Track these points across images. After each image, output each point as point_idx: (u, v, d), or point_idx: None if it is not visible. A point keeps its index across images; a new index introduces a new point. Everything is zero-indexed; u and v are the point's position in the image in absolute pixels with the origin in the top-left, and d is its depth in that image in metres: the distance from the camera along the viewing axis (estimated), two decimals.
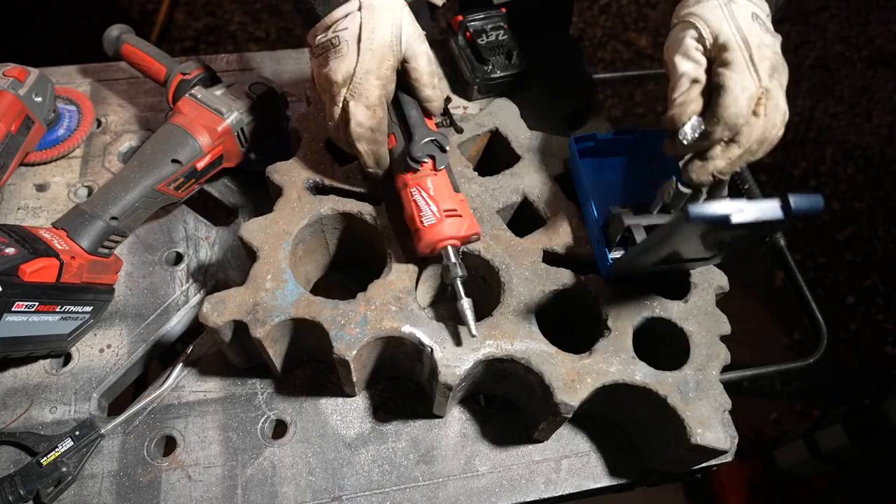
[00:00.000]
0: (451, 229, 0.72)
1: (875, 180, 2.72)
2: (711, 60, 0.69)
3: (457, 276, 0.71)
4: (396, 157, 0.76)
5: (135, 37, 1.01)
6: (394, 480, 0.79)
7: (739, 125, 0.66)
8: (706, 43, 0.68)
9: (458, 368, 0.70)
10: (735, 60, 0.66)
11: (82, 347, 0.85)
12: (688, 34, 0.69)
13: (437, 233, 0.71)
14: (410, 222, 0.74)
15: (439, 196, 0.73)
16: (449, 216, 0.72)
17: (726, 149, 0.68)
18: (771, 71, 0.67)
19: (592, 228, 0.80)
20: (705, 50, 0.69)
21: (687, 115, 0.68)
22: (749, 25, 0.68)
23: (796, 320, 2.38)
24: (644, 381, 0.71)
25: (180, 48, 2.84)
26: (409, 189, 0.74)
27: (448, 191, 0.74)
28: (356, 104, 0.71)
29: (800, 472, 1.84)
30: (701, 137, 0.68)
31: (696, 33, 0.69)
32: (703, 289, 0.79)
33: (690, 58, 0.69)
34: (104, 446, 0.79)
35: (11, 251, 0.69)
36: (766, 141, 0.68)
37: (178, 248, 0.94)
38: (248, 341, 0.73)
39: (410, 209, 0.73)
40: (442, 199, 0.73)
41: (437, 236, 0.71)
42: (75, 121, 1.03)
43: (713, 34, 0.68)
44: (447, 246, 0.72)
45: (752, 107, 0.66)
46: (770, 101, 0.67)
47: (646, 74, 1.28)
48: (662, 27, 3.14)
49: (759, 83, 0.66)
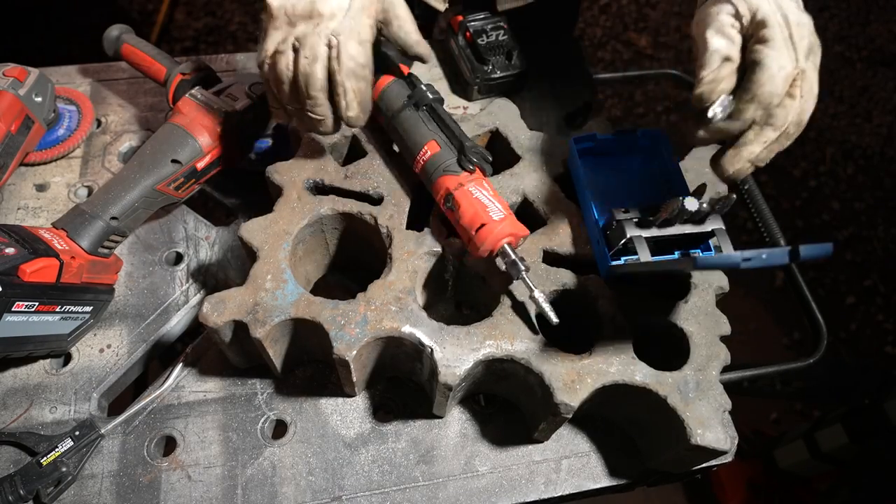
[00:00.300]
0: (514, 226, 0.74)
1: (875, 180, 2.72)
2: (747, 38, 0.65)
3: (524, 269, 0.72)
4: (442, 162, 0.77)
5: (135, 37, 1.01)
6: (394, 480, 0.79)
7: (773, 105, 0.63)
8: (743, 20, 0.64)
9: (458, 368, 0.70)
10: (774, 37, 0.62)
11: (82, 347, 0.85)
12: (723, 9, 0.65)
13: (502, 229, 0.73)
14: (473, 220, 0.73)
15: (497, 195, 0.76)
16: (510, 213, 0.75)
17: (760, 132, 0.64)
18: (808, 51, 0.64)
19: (592, 229, 0.80)
20: (742, 27, 0.65)
21: (717, 94, 0.64)
22: (788, 2, 0.64)
23: (796, 320, 2.38)
24: (644, 382, 0.71)
25: (180, 48, 2.84)
26: (466, 188, 0.75)
27: (498, 195, 0.77)
28: (347, 38, 0.68)
29: (800, 472, 1.84)
30: (730, 119, 0.65)
31: (732, 9, 0.65)
32: (703, 289, 0.79)
33: (725, 34, 0.65)
34: (104, 446, 0.79)
35: (11, 251, 0.69)
36: (801, 123, 0.65)
37: (178, 248, 0.94)
38: (248, 341, 0.73)
39: (472, 207, 0.74)
40: (500, 199, 0.76)
41: (506, 230, 0.73)
42: (75, 121, 1.03)
43: (751, 10, 0.64)
44: (505, 243, 0.73)
45: (787, 86, 0.63)
46: (805, 82, 0.63)
47: (646, 74, 1.28)
48: (662, 27, 3.14)
49: (797, 63, 0.63)
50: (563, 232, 0.82)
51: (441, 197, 0.77)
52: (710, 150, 0.92)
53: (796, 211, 2.65)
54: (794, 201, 2.67)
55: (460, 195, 0.75)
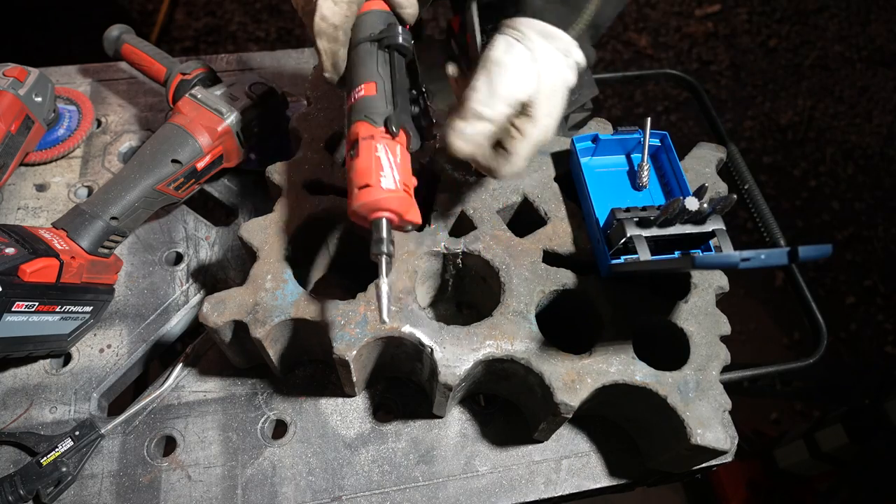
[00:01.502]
0: (401, 205, 0.64)
1: (875, 180, 2.72)
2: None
3: (386, 252, 0.64)
4: (367, 108, 0.68)
5: (135, 37, 1.01)
6: (394, 480, 0.79)
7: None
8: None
9: (458, 368, 0.70)
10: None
11: (82, 347, 0.85)
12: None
13: (386, 200, 0.63)
14: (360, 175, 0.64)
15: (404, 168, 0.66)
16: (406, 192, 0.65)
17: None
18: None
19: (593, 228, 0.80)
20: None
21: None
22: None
23: (796, 320, 2.38)
24: (644, 382, 0.71)
25: (180, 48, 2.84)
26: (374, 142, 0.65)
27: (409, 169, 0.68)
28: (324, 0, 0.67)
29: (800, 472, 1.84)
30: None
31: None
32: (703, 289, 0.79)
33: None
34: (104, 446, 0.79)
35: (11, 251, 0.69)
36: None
37: (178, 248, 0.94)
38: (248, 341, 0.73)
39: (368, 163, 0.64)
40: (405, 173, 0.66)
41: (384, 204, 0.63)
42: (75, 121, 1.03)
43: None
44: (384, 218, 0.64)
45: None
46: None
47: (646, 74, 1.28)
48: (662, 27, 3.14)
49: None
50: (563, 232, 0.82)
51: (349, 144, 0.68)
52: (710, 150, 0.92)
53: (796, 211, 2.65)
54: (794, 201, 2.67)
55: (364, 147, 0.65)
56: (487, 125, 0.65)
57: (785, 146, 2.78)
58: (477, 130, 0.64)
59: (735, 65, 3.03)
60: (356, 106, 0.69)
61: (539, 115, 0.65)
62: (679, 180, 0.82)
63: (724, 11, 3.20)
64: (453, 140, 0.65)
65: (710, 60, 3.05)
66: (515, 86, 0.63)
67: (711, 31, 3.14)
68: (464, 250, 0.79)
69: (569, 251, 0.80)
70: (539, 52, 0.64)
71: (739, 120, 2.87)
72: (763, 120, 2.87)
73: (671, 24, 3.16)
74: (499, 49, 0.64)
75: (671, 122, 2.86)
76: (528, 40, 0.64)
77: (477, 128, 0.64)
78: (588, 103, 1.13)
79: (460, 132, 0.65)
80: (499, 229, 0.81)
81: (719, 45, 3.09)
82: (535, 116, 0.65)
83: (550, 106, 0.65)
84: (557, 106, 0.67)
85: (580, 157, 0.84)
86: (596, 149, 0.85)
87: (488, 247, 0.79)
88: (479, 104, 0.64)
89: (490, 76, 0.63)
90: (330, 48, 0.70)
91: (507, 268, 0.77)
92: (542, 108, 0.65)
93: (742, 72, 3.01)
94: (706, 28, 3.15)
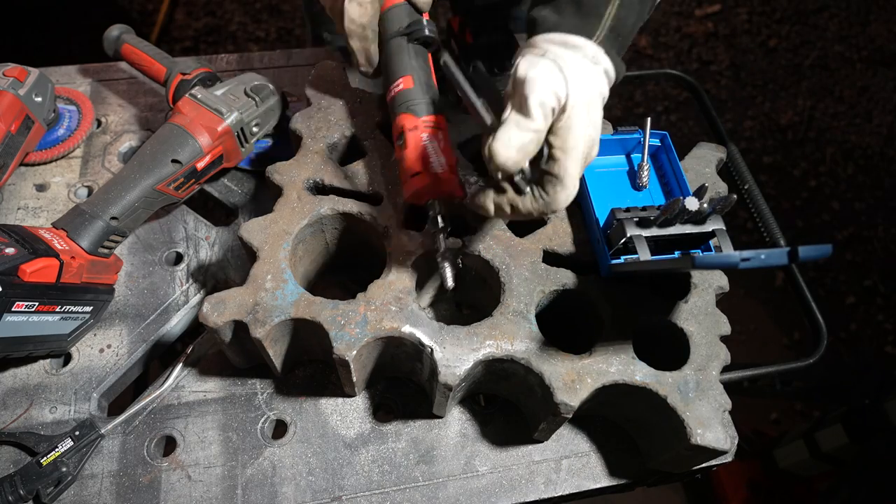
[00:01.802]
0: (448, 185, 0.72)
1: (875, 180, 2.73)
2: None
3: (441, 228, 0.73)
4: (408, 100, 0.75)
5: (135, 37, 1.01)
6: (394, 480, 0.79)
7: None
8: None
9: (458, 368, 0.70)
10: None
11: (82, 347, 0.85)
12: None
13: (435, 184, 0.71)
14: (412, 164, 0.72)
15: (447, 150, 0.74)
16: (450, 172, 0.73)
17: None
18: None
19: (593, 228, 0.80)
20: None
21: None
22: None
23: (796, 320, 2.38)
24: (644, 381, 0.71)
25: (180, 48, 2.84)
26: (419, 132, 0.74)
27: (450, 149, 0.75)
28: (350, 3, 0.75)
29: (800, 472, 1.84)
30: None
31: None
32: (703, 289, 0.79)
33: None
34: (104, 446, 0.79)
35: (11, 251, 0.69)
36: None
37: (178, 248, 0.94)
38: (248, 341, 0.73)
39: (416, 152, 0.73)
40: (448, 154, 0.74)
41: (435, 188, 0.72)
42: (75, 121, 1.03)
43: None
44: (436, 200, 0.73)
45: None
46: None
47: (646, 74, 1.28)
48: (662, 27, 3.14)
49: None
50: (563, 232, 0.82)
51: (396, 134, 0.77)
52: (710, 150, 0.92)
53: (796, 211, 2.65)
54: (794, 201, 2.67)
55: (411, 137, 0.74)
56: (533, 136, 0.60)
57: (785, 146, 2.78)
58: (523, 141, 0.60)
59: (735, 65, 3.03)
60: (397, 98, 0.77)
61: (576, 124, 0.60)
62: (679, 180, 0.82)
63: (724, 11, 3.20)
64: (498, 149, 0.59)
65: (710, 60, 3.05)
66: (547, 93, 0.59)
67: (711, 31, 3.14)
68: (464, 250, 0.79)
69: (569, 251, 0.80)
70: (565, 61, 0.61)
71: (739, 120, 2.87)
72: (763, 120, 2.87)
73: (671, 24, 3.16)
74: (521, 68, 0.61)
75: (671, 122, 2.86)
76: (551, 54, 0.61)
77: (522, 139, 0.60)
78: None
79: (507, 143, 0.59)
80: (499, 229, 0.81)
81: (719, 45, 3.09)
82: (572, 127, 0.60)
83: (590, 114, 0.61)
84: (596, 114, 0.63)
85: None
86: None
87: (488, 247, 0.79)
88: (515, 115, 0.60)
89: (519, 92, 0.60)
90: (361, 46, 0.79)
91: (507, 268, 0.77)
92: (578, 117, 0.60)
93: (742, 72, 3.01)
94: (706, 28, 3.15)
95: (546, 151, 0.62)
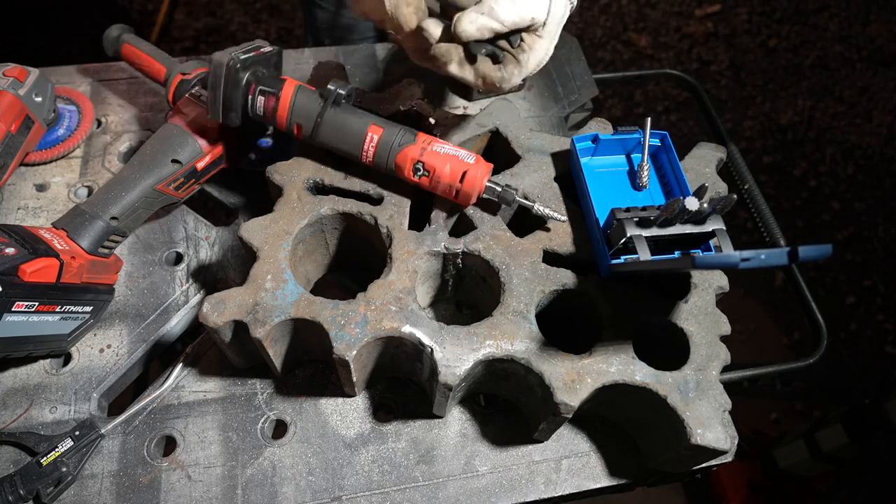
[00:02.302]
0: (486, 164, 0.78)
1: (875, 180, 2.73)
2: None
3: (515, 197, 0.78)
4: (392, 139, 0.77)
5: (135, 37, 1.01)
6: (394, 480, 0.79)
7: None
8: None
9: (458, 368, 0.70)
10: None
11: (82, 347, 0.85)
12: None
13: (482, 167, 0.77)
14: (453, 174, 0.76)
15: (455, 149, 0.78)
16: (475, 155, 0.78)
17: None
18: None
19: (593, 228, 0.80)
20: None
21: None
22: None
23: (796, 320, 2.38)
24: (644, 381, 0.71)
25: (180, 48, 2.84)
26: (431, 149, 0.77)
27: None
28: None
29: (800, 472, 1.84)
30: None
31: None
32: (704, 289, 0.79)
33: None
34: (104, 446, 0.79)
35: (11, 251, 0.69)
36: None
37: (178, 248, 0.94)
38: (248, 341, 0.73)
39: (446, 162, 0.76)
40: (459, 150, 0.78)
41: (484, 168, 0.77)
42: (75, 121, 1.03)
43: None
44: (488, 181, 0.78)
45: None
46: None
47: (646, 74, 1.28)
48: (662, 27, 3.14)
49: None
50: (563, 232, 0.82)
51: (409, 170, 0.77)
52: (710, 150, 0.92)
53: (796, 211, 2.65)
54: (794, 201, 2.67)
55: (429, 158, 0.76)
56: (498, 24, 0.68)
57: (785, 146, 2.78)
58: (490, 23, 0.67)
59: (735, 65, 3.04)
60: (380, 150, 0.78)
61: (547, 36, 0.70)
62: (679, 180, 0.82)
63: (724, 11, 3.20)
64: (465, 24, 0.66)
65: (710, 60, 3.05)
66: (533, 4, 0.67)
67: (711, 31, 3.14)
68: (464, 250, 0.79)
69: (569, 251, 0.80)
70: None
71: (739, 120, 2.87)
72: (763, 120, 2.87)
73: (671, 24, 3.16)
74: None
75: (671, 122, 2.86)
76: None
77: (490, 22, 0.68)
78: (588, 103, 1.14)
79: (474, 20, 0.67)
80: (499, 229, 0.81)
81: (719, 45, 3.10)
82: (544, 36, 0.70)
83: (556, 31, 0.71)
84: (558, 34, 0.72)
85: (580, 157, 0.84)
86: (596, 149, 0.85)
87: (488, 247, 0.79)
88: (500, 6, 0.67)
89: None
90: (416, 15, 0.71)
91: (507, 268, 0.77)
92: (550, 30, 0.70)
93: (742, 72, 3.01)
94: (706, 28, 3.15)
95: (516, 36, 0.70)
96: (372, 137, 0.77)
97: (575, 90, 1.12)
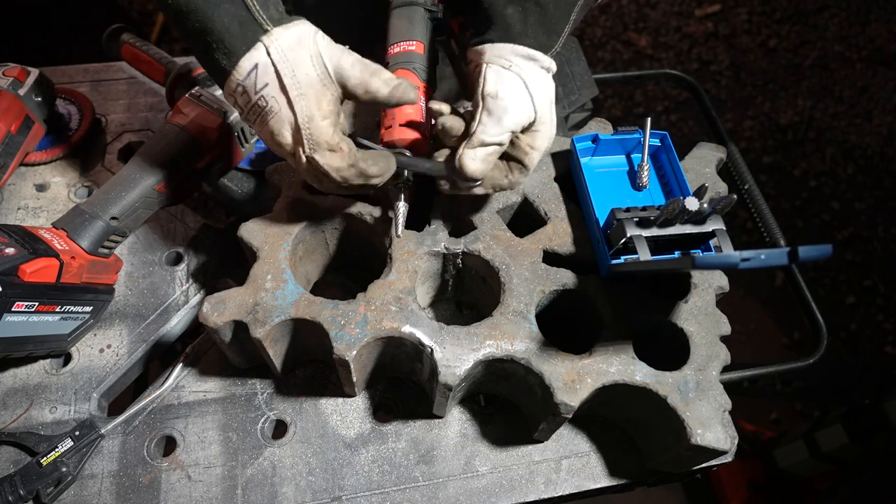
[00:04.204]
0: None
1: (875, 180, 2.72)
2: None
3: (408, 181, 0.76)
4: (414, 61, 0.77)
5: (135, 37, 1.01)
6: (394, 480, 0.79)
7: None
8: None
9: (458, 368, 0.70)
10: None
11: (82, 347, 0.85)
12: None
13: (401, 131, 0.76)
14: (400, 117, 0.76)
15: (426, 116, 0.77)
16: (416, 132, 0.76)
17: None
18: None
19: (593, 228, 0.80)
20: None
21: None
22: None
23: (796, 320, 2.38)
24: (644, 382, 0.71)
25: (180, 48, 2.83)
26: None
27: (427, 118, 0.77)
28: (321, 154, 0.65)
29: (800, 472, 1.84)
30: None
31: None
32: (704, 289, 0.79)
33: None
34: (104, 446, 0.79)
35: (11, 251, 0.69)
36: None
37: (178, 248, 0.94)
38: (248, 341, 0.73)
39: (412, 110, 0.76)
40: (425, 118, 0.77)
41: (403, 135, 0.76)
42: (75, 121, 1.03)
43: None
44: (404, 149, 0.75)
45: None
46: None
47: (646, 74, 1.28)
48: (662, 27, 3.14)
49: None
50: (563, 232, 0.82)
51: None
52: (710, 150, 0.92)
53: (796, 211, 2.65)
54: (794, 201, 2.67)
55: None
56: (498, 148, 0.71)
57: (785, 146, 2.78)
58: (489, 153, 0.70)
59: (735, 65, 3.03)
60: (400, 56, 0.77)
61: (544, 129, 0.72)
62: (679, 180, 0.82)
63: (724, 11, 3.20)
64: (468, 163, 0.69)
65: (710, 60, 3.05)
66: (518, 114, 0.69)
67: (711, 31, 3.14)
68: (464, 250, 0.79)
69: (569, 251, 0.80)
70: (528, 75, 0.70)
71: (739, 120, 2.87)
72: (763, 120, 2.87)
73: (671, 24, 3.16)
74: (491, 82, 0.69)
75: (671, 122, 2.86)
76: (516, 67, 0.70)
77: (489, 151, 0.70)
78: (588, 103, 1.14)
79: (473, 156, 0.70)
80: (499, 229, 0.81)
81: (719, 45, 3.09)
82: (541, 131, 0.72)
83: (550, 118, 0.73)
84: (553, 114, 0.74)
85: (580, 157, 0.84)
86: (596, 149, 0.85)
87: (488, 247, 0.79)
88: (489, 136, 0.69)
89: (492, 111, 0.69)
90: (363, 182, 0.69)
91: (507, 268, 0.77)
92: (544, 123, 0.72)
93: (742, 72, 3.01)
94: (706, 28, 3.15)
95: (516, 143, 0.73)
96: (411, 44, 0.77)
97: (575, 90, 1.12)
